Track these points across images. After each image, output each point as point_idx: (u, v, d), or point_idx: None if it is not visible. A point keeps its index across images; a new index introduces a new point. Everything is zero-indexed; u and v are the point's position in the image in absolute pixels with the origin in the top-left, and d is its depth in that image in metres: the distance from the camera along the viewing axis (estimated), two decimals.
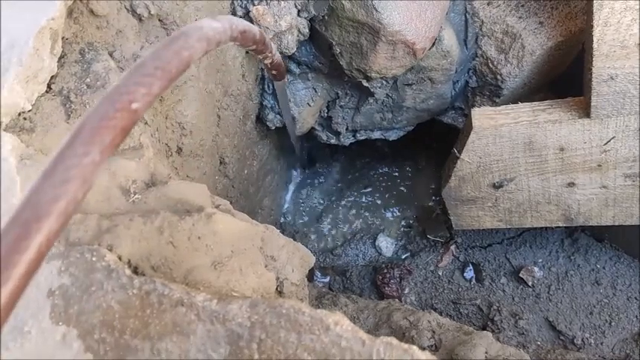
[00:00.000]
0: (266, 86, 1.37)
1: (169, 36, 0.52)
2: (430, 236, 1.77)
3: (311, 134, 1.55)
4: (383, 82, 1.33)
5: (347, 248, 1.83)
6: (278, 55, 0.95)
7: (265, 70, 1.10)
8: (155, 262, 0.61)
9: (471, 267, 1.66)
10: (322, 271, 1.78)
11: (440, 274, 1.67)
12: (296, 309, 0.52)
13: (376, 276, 1.68)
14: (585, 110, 1.12)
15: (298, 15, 1.17)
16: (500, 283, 1.60)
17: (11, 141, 0.65)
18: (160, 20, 0.95)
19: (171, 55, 0.48)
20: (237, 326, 0.52)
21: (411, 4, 1.10)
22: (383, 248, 1.80)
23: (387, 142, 1.66)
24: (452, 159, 1.31)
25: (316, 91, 1.35)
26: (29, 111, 0.72)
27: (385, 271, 1.67)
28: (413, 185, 1.95)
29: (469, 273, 1.65)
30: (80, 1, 0.80)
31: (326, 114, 1.48)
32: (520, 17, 1.26)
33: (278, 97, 1.35)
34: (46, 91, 0.75)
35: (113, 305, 0.55)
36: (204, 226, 0.65)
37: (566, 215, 1.30)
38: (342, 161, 2.08)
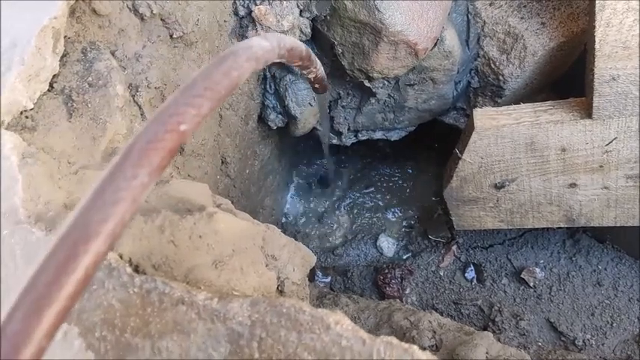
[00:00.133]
0: (268, 86, 1.37)
1: (219, 55, 0.51)
2: (431, 236, 1.77)
3: (312, 134, 1.55)
4: (385, 83, 1.33)
5: (348, 248, 1.83)
6: (321, 70, 0.94)
7: (308, 83, 1.09)
8: (156, 261, 0.61)
9: (473, 267, 1.66)
10: (323, 271, 1.78)
11: (441, 275, 1.67)
12: (297, 308, 0.52)
13: (377, 276, 1.68)
14: (587, 111, 1.12)
15: (300, 15, 1.17)
16: (501, 284, 1.60)
17: (13, 139, 0.65)
18: (162, 20, 0.96)
19: (220, 76, 0.48)
20: (237, 325, 0.52)
21: (413, 5, 1.10)
22: (384, 248, 1.80)
23: (389, 143, 1.66)
24: (453, 159, 1.31)
25: None
26: (31, 109, 0.72)
27: (386, 272, 1.67)
28: (414, 185, 1.95)
29: (470, 273, 1.65)
30: (82, 1, 0.80)
31: (327, 114, 1.48)
32: (522, 18, 1.26)
33: (319, 109, 1.36)
34: (48, 90, 0.75)
35: (114, 303, 0.55)
36: (205, 225, 0.65)
37: (567, 216, 1.30)
38: (345, 162, 2.08)
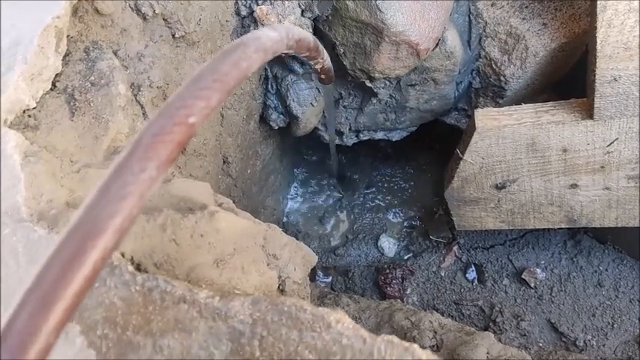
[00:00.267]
0: (269, 86, 1.37)
1: (227, 46, 0.50)
2: (432, 237, 1.77)
3: (313, 134, 1.55)
4: (386, 83, 1.33)
5: (349, 248, 1.83)
6: (328, 60, 0.94)
7: (314, 74, 1.09)
8: (158, 260, 0.61)
9: (474, 268, 1.66)
10: (324, 271, 1.78)
11: (442, 275, 1.67)
12: (298, 306, 0.53)
13: (378, 276, 1.69)
14: (588, 112, 1.12)
15: (302, 15, 1.17)
16: (502, 285, 1.60)
17: (15, 138, 0.65)
18: (165, 19, 0.96)
19: (229, 67, 0.47)
20: (239, 323, 0.53)
21: (415, 5, 1.10)
22: (385, 249, 1.80)
23: (390, 143, 1.66)
24: (455, 160, 1.31)
25: (319, 91, 1.35)
26: (34, 108, 0.72)
27: (387, 272, 1.67)
28: (415, 186, 1.95)
29: (471, 274, 1.65)
30: (85, 0, 0.80)
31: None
32: (524, 18, 1.26)
33: (324, 100, 1.35)
34: (51, 89, 0.75)
35: (116, 302, 0.55)
36: (206, 224, 0.65)
37: (568, 217, 1.30)
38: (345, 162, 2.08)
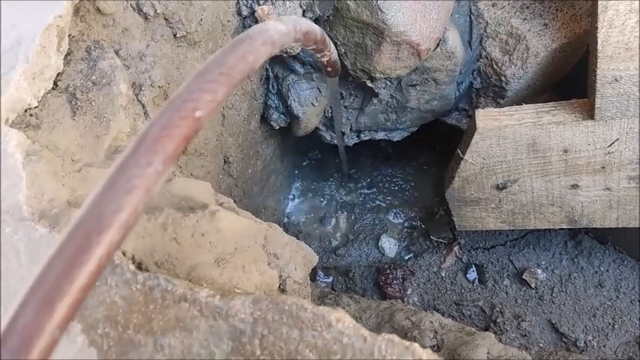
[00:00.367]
0: (270, 86, 1.37)
1: (234, 39, 0.49)
2: (433, 237, 1.77)
3: (314, 134, 1.55)
4: (387, 83, 1.33)
5: (350, 249, 1.83)
6: (335, 53, 0.94)
7: (320, 66, 1.08)
8: (159, 258, 0.61)
9: (474, 268, 1.66)
10: (325, 272, 1.78)
11: (443, 275, 1.67)
12: (298, 305, 0.53)
13: (379, 276, 1.69)
14: (589, 112, 1.12)
15: (303, 15, 1.17)
16: (503, 285, 1.60)
17: (17, 137, 0.66)
18: (166, 19, 0.96)
19: (236, 60, 0.46)
20: (239, 322, 0.53)
21: (416, 5, 1.10)
22: (386, 249, 1.80)
23: (391, 143, 1.66)
24: (455, 160, 1.31)
25: (320, 91, 1.35)
26: (35, 107, 0.72)
27: (388, 272, 1.67)
28: (416, 186, 1.96)
29: (472, 274, 1.65)
30: (87, 0, 0.80)
31: (330, 114, 1.49)
32: (525, 19, 1.26)
33: (330, 93, 1.34)
34: (53, 88, 0.76)
35: (117, 300, 0.55)
36: (207, 223, 0.66)
37: (569, 217, 1.30)
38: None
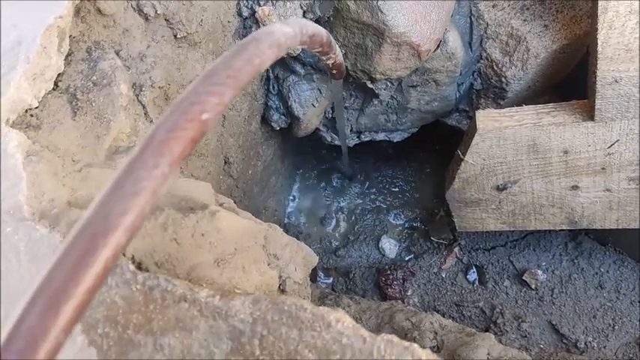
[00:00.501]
0: (271, 87, 1.37)
1: (240, 42, 0.49)
2: (433, 238, 1.77)
3: (315, 135, 1.55)
4: (387, 84, 1.33)
5: (350, 249, 1.83)
6: (340, 55, 0.94)
7: (325, 69, 1.08)
8: (159, 259, 0.61)
9: (475, 269, 1.66)
10: (325, 272, 1.78)
11: (443, 276, 1.67)
12: (298, 306, 0.53)
13: (379, 277, 1.69)
14: (589, 113, 1.12)
15: (304, 16, 1.17)
16: (503, 286, 1.60)
17: (18, 137, 0.66)
18: (167, 20, 0.96)
19: (242, 63, 0.46)
20: (239, 322, 0.53)
21: (416, 6, 1.10)
22: (386, 250, 1.80)
23: (391, 144, 1.66)
24: (456, 161, 1.31)
25: (321, 92, 1.35)
26: (36, 108, 0.72)
27: (388, 273, 1.67)
28: (417, 187, 1.96)
29: (472, 275, 1.65)
30: (88, 0, 0.80)
31: (331, 115, 1.49)
32: (525, 20, 1.26)
33: (333, 95, 1.34)
34: (53, 89, 0.76)
35: (117, 300, 0.55)
36: (207, 224, 0.66)
37: (569, 218, 1.30)
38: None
